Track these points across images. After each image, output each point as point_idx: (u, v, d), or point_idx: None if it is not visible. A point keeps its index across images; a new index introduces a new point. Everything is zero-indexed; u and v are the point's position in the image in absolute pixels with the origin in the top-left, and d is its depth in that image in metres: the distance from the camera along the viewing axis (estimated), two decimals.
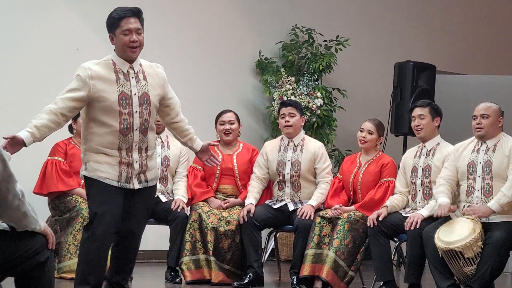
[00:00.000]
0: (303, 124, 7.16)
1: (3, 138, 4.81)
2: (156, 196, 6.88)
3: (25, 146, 4.88)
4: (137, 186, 5.15)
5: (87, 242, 5.04)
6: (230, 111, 7.26)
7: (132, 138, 5.08)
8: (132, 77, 5.10)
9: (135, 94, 5.08)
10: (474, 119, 6.17)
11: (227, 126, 7.14)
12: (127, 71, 5.10)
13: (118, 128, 5.03)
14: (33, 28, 8.03)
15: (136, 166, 5.12)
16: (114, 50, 5.14)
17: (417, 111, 6.59)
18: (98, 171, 5.03)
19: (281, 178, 7.00)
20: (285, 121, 7.02)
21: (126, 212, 5.13)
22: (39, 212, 4.17)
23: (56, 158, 7.14)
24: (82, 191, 7.02)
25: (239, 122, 7.23)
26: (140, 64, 5.17)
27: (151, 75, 5.20)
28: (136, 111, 5.08)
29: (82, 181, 7.05)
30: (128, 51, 5.07)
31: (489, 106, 6.16)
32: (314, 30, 9.49)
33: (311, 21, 9.63)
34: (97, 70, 5.03)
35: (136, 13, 5.11)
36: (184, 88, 8.72)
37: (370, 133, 6.87)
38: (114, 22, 5.07)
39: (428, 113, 6.55)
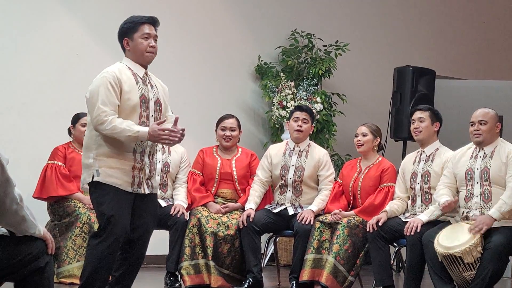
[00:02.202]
0: (311, 132, 7.19)
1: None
2: None
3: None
4: (147, 191, 5.17)
5: (98, 248, 4.98)
6: (232, 117, 7.23)
7: (146, 142, 5.12)
8: (148, 82, 5.17)
9: (151, 98, 5.14)
10: (471, 125, 6.16)
11: (228, 133, 7.13)
12: (143, 76, 5.14)
13: None
14: (33, 33, 8.03)
15: (147, 170, 5.16)
16: (126, 55, 5.18)
17: (417, 114, 6.60)
18: (113, 178, 5.00)
19: (283, 182, 7.01)
20: (298, 125, 7.03)
21: (136, 221, 5.12)
22: (38, 217, 4.16)
23: (55, 162, 7.13)
24: (81, 196, 7.02)
25: (240, 128, 7.23)
26: (148, 72, 5.23)
27: (158, 86, 5.27)
28: (152, 115, 5.14)
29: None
30: (146, 56, 5.13)
31: (487, 112, 6.16)
32: (313, 35, 9.50)
33: (311, 26, 9.64)
34: (119, 72, 5.05)
35: (155, 22, 5.20)
36: (184, 92, 8.73)
37: (364, 135, 6.89)
38: (134, 26, 5.11)
39: (428, 117, 6.57)
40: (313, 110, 8.86)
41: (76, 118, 7.26)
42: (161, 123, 5.01)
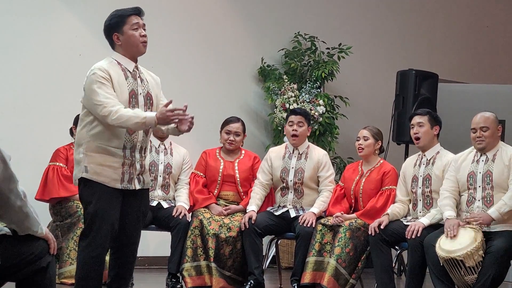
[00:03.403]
0: (309, 134, 7.18)
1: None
2: (157, 202, 6.90)
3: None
4: (137, 186, 5.13)
5: (86, 250, 4.98)
6: (238, 120, 7.21)
7: (137, 137, 5.08)
8: (138, 76, 5.13)
9: (140, 93, 5.10)
10: (473, 132, 6.15)
11: (232, 137, 7.13)
12: (133, 70, 5.12)
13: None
14: (36, 33, 8.04)
15: (137, 166, 5.11)
16: (116, 50, 5.14)
17: (416, 119, 6.59)
18: (101, 175, 4.97)
19: (284, 184, 7.01)
20: (293, 130, 7.03)
21: (125, 217, 5.10)
22: (40, 218, 4.16)
23: (57, 163, 7.13)
24: None
25: (244, 132, 7.22)
26: (138, 66, 5.21)
27: (149, 78, 5.23)
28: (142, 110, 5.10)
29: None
30: (141, 46, 5.10)
31: (487, 117, 6.13)
32: (316, 37, 9.50)
33: (314, 28, 9.64)
34: (109, 69, 5.02)
35: (140, 11, 5.17)
36: (187, 94, 8.73)
37: (366, 139, 6.89)
38: (121, 20, 5.08)
39: (427, 121, 6.55)
40: (316, 113, 8.90)
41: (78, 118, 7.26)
42: (168, 104, 4.97)
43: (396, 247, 6.56)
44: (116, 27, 5.09)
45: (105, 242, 4.99)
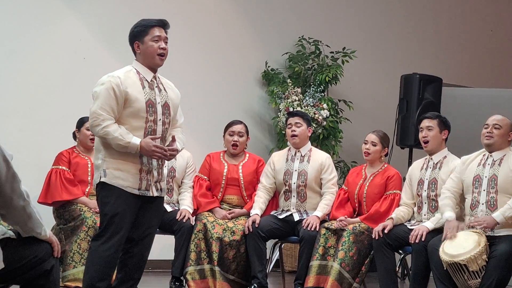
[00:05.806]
0: (310, 134, 7.17)
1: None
2: None
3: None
4: (155, 193, 5.22)
5: (99, 250, 5.04)
6: (240, 122, 7.24)
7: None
8: (156, 86, 5.21)
9: (159, 102, 5.18)
10: (485, 127, 6.15)
11: (235, 138, 7.14)
12: (151, 80, 5.17)
13: (142, 135, 5.10)
14: (40, 37, 8.05)
15: (155, 173, 5.20)
16: (136, 59, 5.23)
17: (425, 123, 6.59)
18: (120, 179, 5.06)
19: (287, 187, 7.01)
20: (291, 131, 7.04)
21: (140, 220, 5.16)
22: (44, 221, 4.16)
23: (60, 167, 7.14)
24: (86, 200, 7.03)
25: (247, 134, 7.23)
26: (158, 76, 5.28)
27: (168, 89, 5.31)
28: (160, 119, 5.18)
29: (87, 189, 7.09)
30: (157, 58, 5.19)
31: (503, 118, 6.16)
32: (320, 41, 9.51)
33: (318, 32, 9.65)
34: (125, 78, 5.10)
35: (165, 24, 5.27)
36: (191, 98, 8.74)
37: (374, 144, 6.88)
38: (144, 30, 5.17)
39: (436, 125, 6.56)
40: (320, 117, 8.90)
41: (81, 122, 7.28)
42: (156, 138, 5.06)
43: (400, 251, 6.56)
44: (138, 36, 5.19)
45: (118, 244, 5.05)
